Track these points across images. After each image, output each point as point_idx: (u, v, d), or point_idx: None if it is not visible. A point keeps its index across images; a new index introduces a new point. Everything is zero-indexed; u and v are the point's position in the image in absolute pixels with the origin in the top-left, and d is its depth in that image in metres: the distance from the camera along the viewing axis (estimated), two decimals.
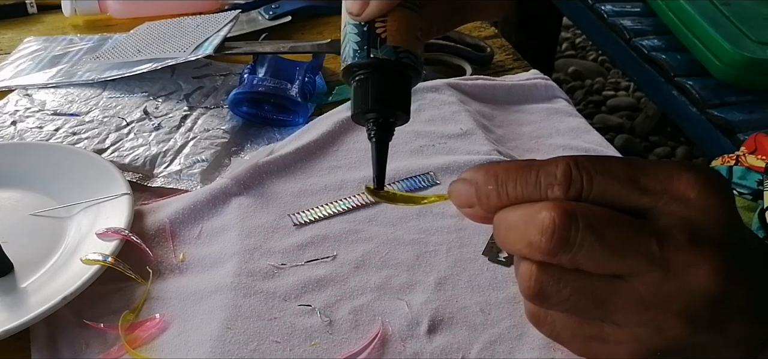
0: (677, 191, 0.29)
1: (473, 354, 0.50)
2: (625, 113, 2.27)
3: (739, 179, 0.81)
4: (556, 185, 0.29)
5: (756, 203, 0.78)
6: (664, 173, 0.29)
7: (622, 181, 0.29)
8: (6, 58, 0.89)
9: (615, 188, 0.29)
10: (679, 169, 0.29)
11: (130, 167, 0.68)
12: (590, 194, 0.29)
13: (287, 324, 0.52)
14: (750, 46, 1.25)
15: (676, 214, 0.29)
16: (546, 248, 0.28)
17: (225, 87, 0.81)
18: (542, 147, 0.74)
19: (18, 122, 0.75)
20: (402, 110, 0.35)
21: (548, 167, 0.30)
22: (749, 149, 0.85)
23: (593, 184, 0.29)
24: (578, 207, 0.28)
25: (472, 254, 0.58)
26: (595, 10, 1.55)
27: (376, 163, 0.35)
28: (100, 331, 0.51)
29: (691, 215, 0.29)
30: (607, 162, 0.29)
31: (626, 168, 0.29)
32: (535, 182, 0.30)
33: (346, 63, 0.35)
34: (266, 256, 0.57)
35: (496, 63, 0.89)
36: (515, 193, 0.30)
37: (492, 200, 0.31)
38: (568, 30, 2.68)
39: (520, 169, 0.30)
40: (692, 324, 0.29)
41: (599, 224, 0.28)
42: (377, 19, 0.35)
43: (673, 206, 0.29)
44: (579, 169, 0.29)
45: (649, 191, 0.29)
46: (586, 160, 0.29)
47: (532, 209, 0.29)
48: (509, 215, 0.30)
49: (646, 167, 0.30)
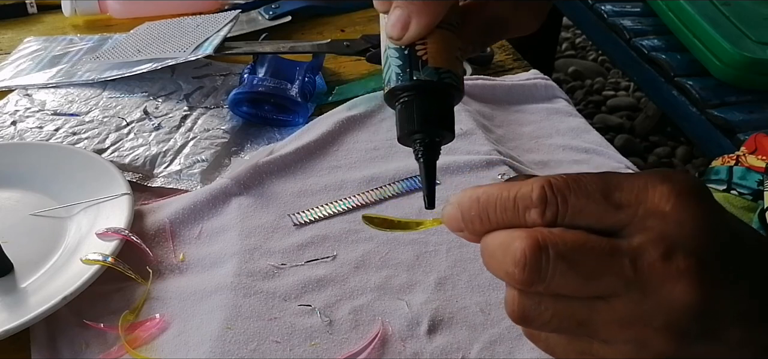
0: (652, 204, 0.29)
1: (473, 354, 0.50)
2: (625, 113, 2.27)
3: (739, 179, 0.81)
4: (533, 208, 0.30)
5: (756, 203, 0.78)
6: (639, 186, 0.29)
7: (597, 199, 0.29)
8: (6, 58, 0.89)
9: (590, 207, 0.29)
10: (654, 181, 0.29)
11: (130, 167, 0.68)
12: (566, 216, 0.29)
13: (287, 324, 0.52)
14: (750, 46, 1.25)
15: (652, 228, 0.29)
16: (520, 279, 0.29)
17: (225, 87, 0.81)
18: (542, 147, 0.74)
19: (18, 122, 0.75)
20: (447, 128, 0.36)
21: (524, 190, 0.30)
22: (749, 149, 0.85)
23: (568, 205, 0.29)
24: (550, 237, 0.29)
25: (472, 254, 0.58)
26: (595, 10, 1.55)
27: (425, 182, 0.36)
28: (100, 331, 0.51)
29: (666, 228, 0.28)
30: (582, 181, 0.30)
31: (601, 184, 0.29)
32: (513, 207, 0.30)
33: (390, 86, 0.36)
34: (266, 256, 0.57)
35: (496, 63, 0.89)
36: (496, 218, 0.31)
37: (476, 225, 0.31)
38: (568, 30, 2.68)
39: (499, 194, 0.31)
40: (678, 337, 0.29)
41: (570, 252, 0.29)
42: (418, 42, 0.35)
43: (649, 220, 0.29)
44: (554, 191, 0.29)
45: (624, 206, 0.29)
46: (561, 181, 0.30)
47: (508, 238, 0.30)
48: (489, 243, 0.31)
49: (621, 181, 0.30)
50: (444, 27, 0.35)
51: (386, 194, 0.64)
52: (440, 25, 0.35)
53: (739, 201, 0.79)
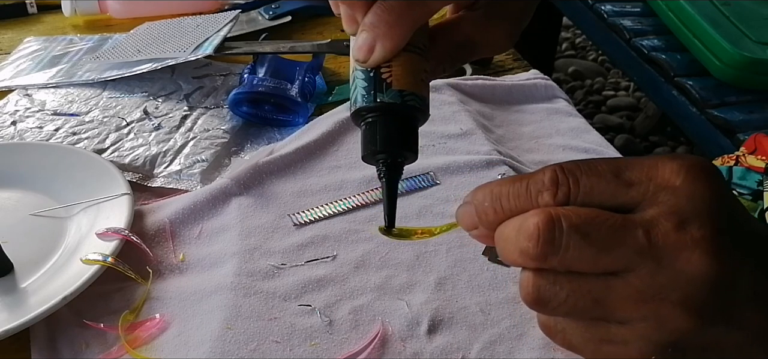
0: (662, 180, 0.29)
1: (473, 354, 0.50)
2: (625, 113, 2.27)
3: (739, 179, 0.81)
4: (545, 190, 0.30)
5: (756, 204, 0.78)
6: (649, 164, 0.30)
7: (608, 178, 0.30)
8: (6, 58, 0.89)
9: (601, 185, 0.30)
10: (663, 159, 0.30)
11: (130, 167, 0.68)
12: (578, 196, 0.30)
13: (287, 324, 0.52)
14: (750, 46, 1.25)
15: (664, 202, 0.29)
16: (534, 254, 0.30)
17: (225, 87, 0.81)
18: (542, 147, 0.74)
19: (18, 122, 0.75)
20: (409, 150, 0.37)
21: (536, 176, 0.31)
22: (749, 150, 0.85)
23: (579, 185, 0.30)
24: (563, 211, 0.29)
25: (472, 254, 0.58)
26: (595, 10, 1.55)
27: (387, 201, 0.37)
28: (100, 331, 0.51)
29: (678, 202, 0.29)
30: (592, 162, 0.30)
31: (611, 165, 0.30)
32: (525, 193, 0.31)
33: (355, 107, 0.37)
34: (266, 256, 0.57)
35: (496, 63, 0.89)
36: (509, 206, 0.31)
37: (490, 217, 0.32)
38: (568, 30, 2.68)
39: (511, 182, 0.31)
40: (696, 313, 0.29)
41: (583, 223, 0.29)
42: (383, 65, 0.36)
43: (660, 195, 0.29)
44: (565, 173, 0.30)
45: (635, 184, 0.30)
46: (572, 163, 0.30)
47: (521, 219, 0.30)
48: (504, 229, 0.31)
49: (630, 161, 0.30)
50: (410, 50, 0.36)
51: None
52: (406, 48, 0.36)
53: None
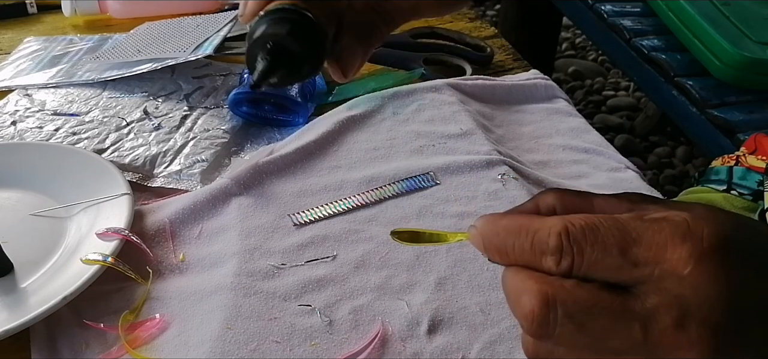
0: (670, 266, 0.28)
1: (473, 354, 0.50)
2: (625, 113, 2.27)
3: (739, 179, 0.81)
4: (549, 255, 0.30)
5: (756, 204, 0.78)
6: (658, 244, 0.28)
7: (613, 254, 0.29)
8: (6, 58, 0.89)
9: (606, 261, 0.29)
10: (674, 240, 0.28)
11: (130, 167, 0.68)
12: (581, 268, 0.29)
13: (287, 324, 0.52)
14: (750, 46, 1.25)
15: (667, 290, 0.28)
16: (529, 331, 0.30)
17: (225, 87, 0.81)
18: (542, 147, 0.74)
19: (18, 122, 0.75)
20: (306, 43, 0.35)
21: (542, 233, 0.30)
22: (749, 150, 0.85)
23: (584, 257, 0.29)
24: (560, 293, 0.29)
25: (472, 254, 0.58)
26: (595, 10, 1.55)
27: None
28: (100, 331, 0.51)
29: (683, 292, 0.27)
30: (599, 232, 0.29)
31: (619, 237, 0.29)
32: (529, 249, 0.30)
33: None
34: (266, 256, 0.57)
35: (496, 63, 0.89)
36: (514, 254, 0.31)
37: (495, 255, 0.32)
38: (568, 30, 2.68)
39: (518, 232, 0.31)
40: None
41: (579, 312, 0.28)
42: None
43: (665, 281, 0.28)
44: (570, 241, 0.29)
45: (641, 264, 0.28)
46: (579, 230, 0.29)
47: (520, 288, 0.30)
48: (507, 281, 0.31)
49: (640, 235, 0.28)
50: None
51: (386, 194, 0.64)
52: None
53: (740, 202, 0.79)
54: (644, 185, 0.69)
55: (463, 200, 0.64)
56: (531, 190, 0.64)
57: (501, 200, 0.63)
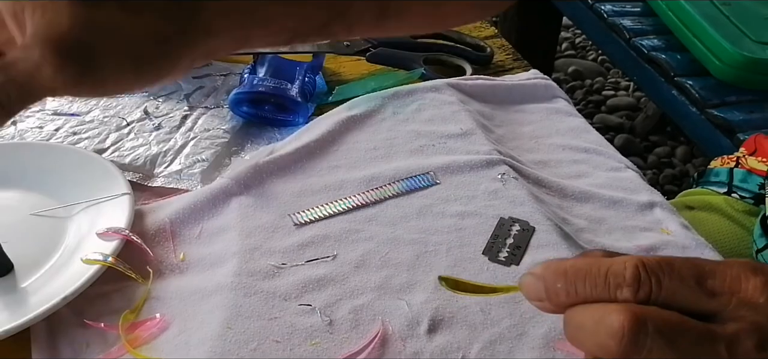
0: (745, 295, 0.29)
1: (473, 354, 0.50)
2: (625, 113, 2.27)
3: (740, 182, 0.81)
4: (625, 286, 0.30)
5: (758, 208, 0.78)
6: (732, 276, 0.30)
7: (690, 284, 0.29)
8: None
9: (684, 291, 0.30)
10: (746, 272, 0.30)
11: (130, 166, 0.68)
12: (659, 297, 0.29)
13: (287, 324, 0.52)
14: (750, 46, 1.25)
15: (745, 318, 0.29)
16: (616, 352, 0.29)
17: (225, 87, 0.81)
18: (542, 147, 0.74)
19: (18, 122, 0.75)
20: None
21: (616, 267, 0.30)
22: (749, 150, 0.85)
23: (662, 287, 0.29)
24: (648, 312, 0.29)
25: (472, 254, 0.58)
26: (595, 10, 1.55)
27: None
28: (101, 331, 0.51)
29: (760, 320, 0.29)
30: (675, 265, 0.30)
31: (693, 270, 0.30)
32: (604, 283, 0.30)
33: None
34: (266, 256, 0.58)
35: (496, 63, 0.89)
36: (585, 293, 0.31)
37: (561, 298, 0.31)
38: (568, 30, 2.67)
39: (589, 269, 0.31)
40: None
41: (668, 329, 0.29)
42: None
43: (742, 310, 0.29)
44: (647, 272, 0.30)
45: (718, 294, 0.29)
46: (655, 263, 0.30)
47: (603, 311, 0.30)
48: (579, 316, 0.31)
49: (713, 269, 0.30)
50: None
51: (386, 194, 0.64)
52: None
53: (741, 205, 0.79)
54: (644, 185, 0.69)
55: (463, 199, 0.64)
56: (531, 190, 0.65)
57: (501, 199, 0.63)
